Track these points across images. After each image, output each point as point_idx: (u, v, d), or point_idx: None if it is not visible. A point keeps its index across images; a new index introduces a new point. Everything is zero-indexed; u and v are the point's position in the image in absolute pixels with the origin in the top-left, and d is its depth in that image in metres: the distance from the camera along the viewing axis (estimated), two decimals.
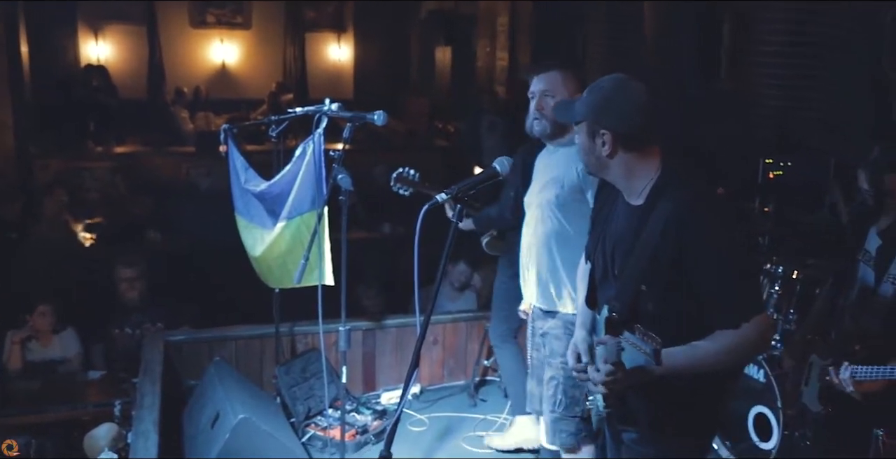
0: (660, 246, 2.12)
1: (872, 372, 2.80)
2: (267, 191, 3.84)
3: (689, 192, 2.15)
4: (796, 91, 5.74)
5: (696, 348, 2.12)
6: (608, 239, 2.32)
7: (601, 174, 2.28)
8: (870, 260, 3.01)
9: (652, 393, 2.24)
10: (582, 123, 2.22)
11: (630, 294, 2.18)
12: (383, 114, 3.28)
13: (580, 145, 2.26)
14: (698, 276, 2.11)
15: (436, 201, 2.29)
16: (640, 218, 2.19)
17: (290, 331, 4.43)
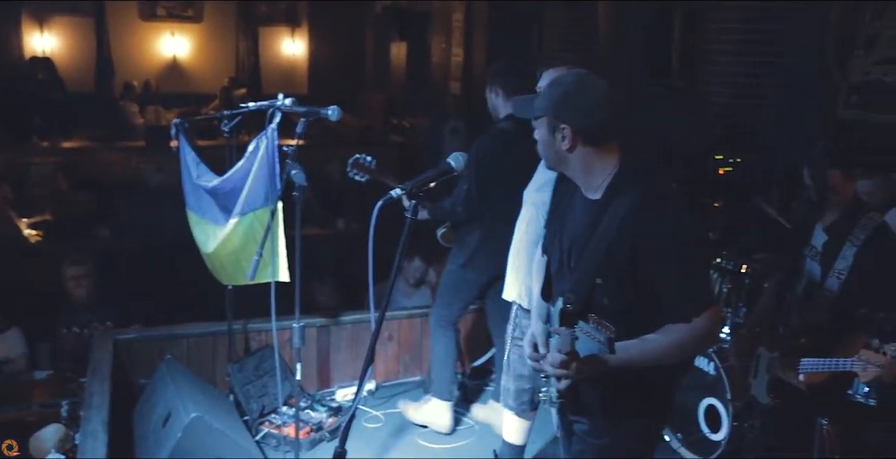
0: (616, 240, 2.15)
1: (818, 365, 2.87)
2: (219, 187, 3.80)
3: (647, 188, 2.18)
4: (745, 89, 5.85)
5: (649, 341, 2.15)
6: (565, 233, 2.35)
7: (560, 168, 2.30)
8: (816, 255, 3.08)
9: (604, 384, 2.27)
10: (542, 118, 2.24)
11: (585, 286, 2.21)
12: (337, 110, 3.27)
13: (540, 140, 2.27)
14: (652, 271, 2.15)
15: (391, 197, 2.29)
16: (597, 212, 2.22)
17: (243, 329, 4.39)
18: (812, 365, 2.90)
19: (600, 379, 2.24)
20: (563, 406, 2.45)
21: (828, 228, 3.05)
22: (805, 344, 2.97)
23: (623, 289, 2.19)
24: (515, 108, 2.34)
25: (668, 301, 2.16)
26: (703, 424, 3.89)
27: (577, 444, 2.46)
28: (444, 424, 4.12)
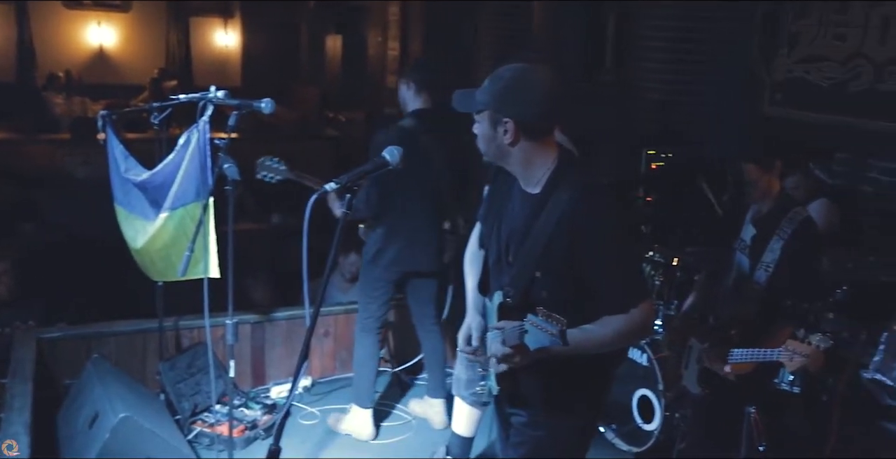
0: (554, 234, 2.18)
1: (747, 355, 2.95)
2: (149, 181, 3.71)
3: (585, 183, 2.20)
4: (676, 85, 5.96)
5: (588, 331, 2.18)
6: (503, 227, 2.35)
7: (500, 162, 2.30)
8: (745, 248, 3.16)
9: (543, 376, 2.30)
10: (483, 112, 2.23)
11: (524, 280, 2.23)
12: (271, 102, 3.22)
13: (480, 134, 2.26)
14: (590, 264, 2.18)
15: (324, 190, 2.25)
16: (536, 206, 2.23)
17: (174, 326, 4.30)
18: (741, 356, 2.97)
19: (539, 371, 2.27)
20: (501, 398, 2.46)
21: (756, 222, 3.13)
22: (735, 336, 3.04)
23: (562, 283, 2.22)
24: (455, 103, 2.33)
25: (606, 293, 2.20)
26: (637, 415, 3.96)
27: (515, 436, 2.48)
28: (365, 432, 4.09)
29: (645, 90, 6.00)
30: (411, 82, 3.81)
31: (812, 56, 4.83)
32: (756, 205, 3.13)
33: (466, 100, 2.28)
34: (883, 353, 3.24)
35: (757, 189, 3.04)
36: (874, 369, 3.24)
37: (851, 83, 4.57)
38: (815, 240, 3.09)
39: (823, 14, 4.72)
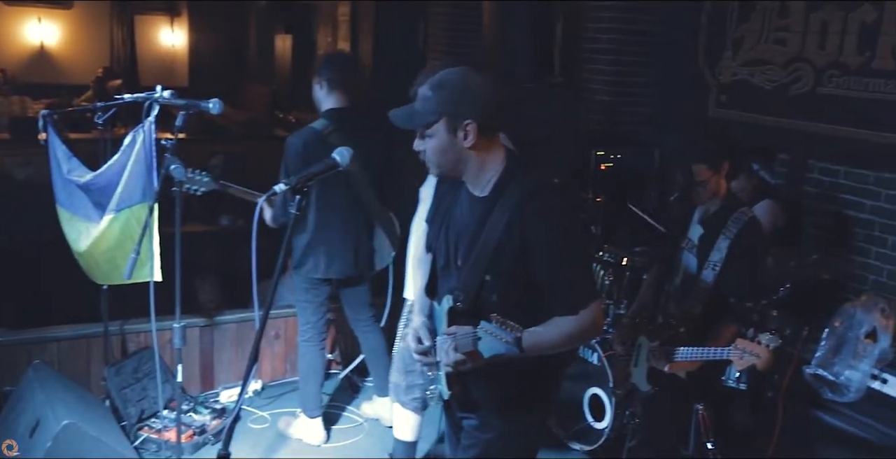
0: (504, 236, 2.16)
1: (698, 354, 2.99)
2: (93, 182, 3.64)
3: (533, 184, 2.19)
4: (623, 87, 6.03)
5: (538, 334, 2.16)
6: (451, 230, 2.33)
7: (454, 172, 2.23)
8: (692, 247, 3.21)
9: (493, 378, 2.29)
10: (438, 122, 2.16)
11: (474, 284, 2.22)
12: (219, 103, 3.17)
13: (436, 147, 2.18)
14: (540, 266, 2.17)
15: (274, 191, 2.23)
16: (484, 209, 2.22)
17: (120, 330, 4.21)
18: (692, 354, 3.01)
19: (489, 374, 2.26)
20: (451, 401, 2.45)
21: (703, 222, 3.18)
22: (683, 334, 3.09)
23: (512, 285, 2.21)
24: (397, 121, 2.22)
25: (555, 294, 2.20)
26: (588, 413, 3.99)
27: (466, 439, 2.46)
28: (315, 438, 4.06)
29: (593, 92, 6.05)
30: (322, 81, 3.71)
31: (755, 59, 4.92)
32: (703, 205, 3.18)
33: (411, 117, 2.20)
34: (824, 349, 3.32)
35: (707, 189, 3.08)
36: (816, 364, 3.32)
37: (793, 86, 4.67)
38: (760, 240, 3.15)
39: (765, 19, 4.83)
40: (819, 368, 3.30)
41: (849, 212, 4.56)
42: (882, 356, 3.20)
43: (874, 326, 3.25)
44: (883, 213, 4.37)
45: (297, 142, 3.61)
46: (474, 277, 2.22)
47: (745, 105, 5.03)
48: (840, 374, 3.24)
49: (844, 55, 4.38)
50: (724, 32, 5.12)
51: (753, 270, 3.10)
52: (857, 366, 3.21)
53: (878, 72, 4.21)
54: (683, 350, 3.02)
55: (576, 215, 2.41)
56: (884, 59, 4.18)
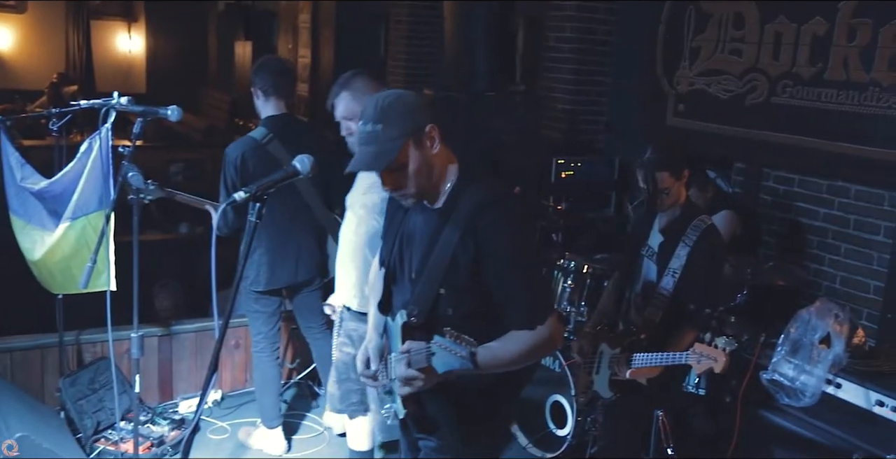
0: (459, 248, 2.11)
1: (657, 359, 3.02)
2: (47, 190, 3.57)
3: (487, 195, 2.14)
4: (584, 95, 6.09)
5: (494, 350, 2.11)
6: (405, 243, 2.28)
7: (430, 185, 2.16)
8: (652, 255, 3.24)
9: (449, 397, 2.24)
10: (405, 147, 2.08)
11: (428, 298, 2.16)
12: (177, 110, 3.13)
13: (413, 171, 2.11)
14: (496, 278, 2.12)
15: (233, 200, 2.19)
16: (439, 220, 2.17)
17: (75, 340, 4.13)
18: (651, 360, 3.04)
19: (445, 392, 2.21)
20: (407, 422, 2.39)
21: (663, 230, 3.21)
22: (643, 340, 3.11)
23: (467, 299, 2.16)
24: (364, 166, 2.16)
25: (512, 308, 2.14)
26: (550, 420, 4.01)
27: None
28: (276, 449, 4.02)
29: (554, 100, 6.11)
30: (257, 90, 3.72)
31: (712, 69, 5.00)
32: (663, 213, 3.21)
33: (378, 157, 2.08)
34: (780, 354, 3.37)
35: (669, 196, 3.12)
36: (773, 370, 3.37)
37: (748, 96, 4.75)
38: (719, 248, 3.19)
39: (721, 30, 4.91)
40: (775, 373, 3.35)
41: (803, 220, 4.65)
42: (836, 361, 3.26)
43: (828, 332, 3.31)
44: (835, 221, 4.47)
45: (235, 153, 3.60)
46: (429, 291, 2.16)
47: (702, 114, 5.10)
48: (796, 379, 3.29)
49: (798, 66, 4.47)
50: (681, 43, 5.20)
51: (712, 277, 3.14)
52: (813, 371, 3.26)
53: (830, 82, 4.30)
54: (641, 356, 3.05)
55: (531, 226, 2.38)
56: (835, 70, 4.27)
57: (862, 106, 4.15)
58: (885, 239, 4.22)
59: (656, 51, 5.40)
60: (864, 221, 4.33)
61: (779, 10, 4.56)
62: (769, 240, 4.83)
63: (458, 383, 2.17)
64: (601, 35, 6.04)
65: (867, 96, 4.12)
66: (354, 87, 3.00)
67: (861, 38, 4.14)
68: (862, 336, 3.42)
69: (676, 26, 5.23)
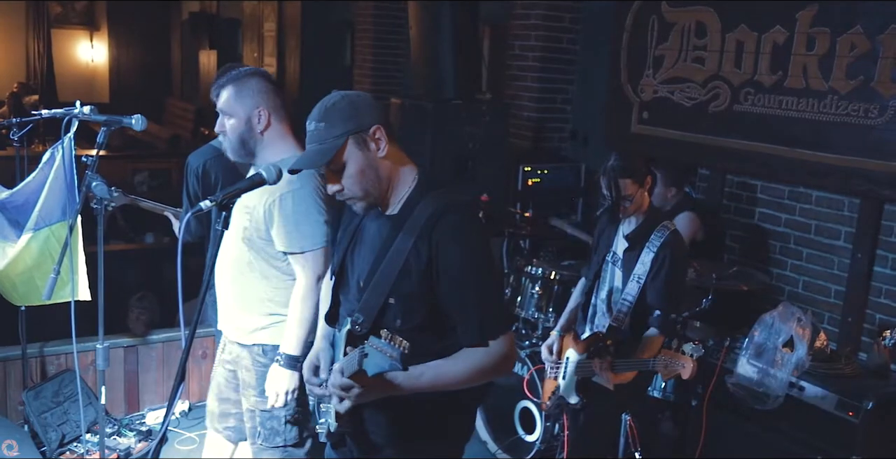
0: (410, 256, 2.03)
1: (625, 365, 3.05)
2: (9, 200, 3.52)
3: (444, 203, 2.06)
4: (550, 103, 6.15)
5: (443, 365, 2.04)
6: (356, 251, 2.22)
7: (377, 190, 2.09)
8: (617, 261, 3.27)
9: (396, 413, 2.14)
10: (345, 146, 2.04)
11: (376, 306, 2.07)
12: (142, 119, 3.11)
13: (355, 172, 2.06)
14: (448, 291, 2.04)
15: (200, 208, 2.16)
16: (392, 227, 2.10)
17: (39, 352, 4.07)
18: (620, 366, 3.07)
19: (388, 408, 2.12)
20: (341, 438, 2.26)
21: (628, 236, 3.25)
22: (610, 346, 3.14)
23: (417, 310, 2.06)
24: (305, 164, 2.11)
25: (464, 323, 2.05)
26: (519, 426, 4.03)
27: None
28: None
29: (520, 108, 6.16)
30: None
31: (675, 77, 5.08)
32: (627, 219, 3.25)
33: (318, 154, 2.05)
34: (745, 358, 3.43)
35: (633, 203, 3.15)
36: (737, 374, 3.42)
37: (711, 103, 4.83)
38: (683, 253, 3.24)
39: (684, 39, 4.99)
40: (740, 377, 3.40)
41: (765, 226, 4.73)
42: (799, 364, 3.32)
43: (791, 335, 3.37)
44: (797, 226, 4.56)
45: (196, 162, 3.53)
46: (376, 299, 2.06)
47: (666, 121, 5.18)
48: (760, 383, 3.35)
49: (759, 74, 4.56)
50: (645, 51, 5.28)
51: (676, 282, 3.18)
52: (776, 374, 3.32)
53: (790, 90, 4.39)
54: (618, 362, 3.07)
55: (488, 238, 2.28)
56: (795, 78, 4.36)
57: (821, 113, 4.24)
58: (845, 244, 4.31)
59: (620, 59, 5.47)
60: (824, 226, 4.42)
61: (739, 20, 4.65)
62: (732, 245, 4.91)
63: (404, 399, 2.06)
64: (566, 44, 6.11)
65: (826, 104, 4.22)
66: (245, 85, 2.78)
67: (819, 46, 4.23)
68: (824, 339, 3.49)
69: (640, 35, 5.30)
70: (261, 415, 2.89)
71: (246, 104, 2.75)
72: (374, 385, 1.98)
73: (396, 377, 1.99)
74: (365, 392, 2.00)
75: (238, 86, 2.76)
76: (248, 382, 2.91)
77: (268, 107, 2.77)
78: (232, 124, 2.76)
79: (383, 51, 8.33)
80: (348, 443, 2.28)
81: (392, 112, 5.33)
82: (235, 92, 2.75)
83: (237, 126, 2.76)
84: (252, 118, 2.75)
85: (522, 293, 4.32)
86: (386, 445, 2.21)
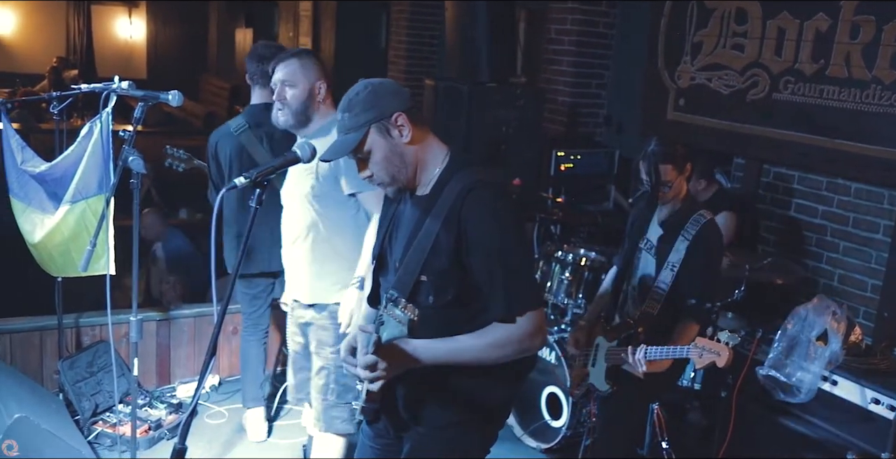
0: (441, 234, 2.06)
1: (659, 353, 3.00)
2: (48, 173, 3.55)
3: (474, 181, 2.08)
4: (585, 88, 6.07)
5: (465, 339, 2.07)
6: (394, 235, 2.24)
7: (405, 174, 2.13)
8: (651, 248, 3.21)
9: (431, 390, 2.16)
10: (369, 134, 2.09)
11: (409, 283, 2.10)
12: (178, 95, 3.10)
13: (381, 159, 2.11)
14: (478, 267, 2.06)
15: (234, 185, 2.17)
16: (424, 207, 2.13)
17: (74, 323, 4.12)
18: (653, 354, 3.01)
19: (421, 384, 2.14)
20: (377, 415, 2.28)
21: (662, 223, 3.19)
22: (640, 334, 3.09)
23: (448, 286, 2.09)
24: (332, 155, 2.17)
25: (492, 298, 2.06)
26: (545, 412, 4.00)
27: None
28: (255, 433, 4.01)
29: (555, 93, 6.08)
30: (248, 76, 3.70)
31: (713, 64, 4.97)
32: (663, 206, 3.19)
33: (342, 144, 2.11)
34: (777, 351, 3.36)
35: (671, 190, 3.10)
36: (769, 366, 3.36)
37: (749, 91, 4.73)
38: (718, 243, 3.17)
39: (723, 25, 4.88)
40: (772, 369, 3.34)
41: (802, 217, 4.64)
42: (832, 358, 3.25)
43: (825, 329, 3.30)
44: (835, 219, 4.46)
45: (212, 141, 3.69)
46: (409, 277, 2.10)
47: (702, 109, 5.08)
48: (792, 375, 3.28)
49: (800, 62, 4.45)
50: (683, 37, 5.17)
51: (710, 272, 3.12)
52: (809, 368, 3.26)
53: (832, 79, 4.28)
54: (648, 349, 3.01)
55: (519, 215, 2.29)
56: (837, 67, 4.25)
57: (863, 103, 4.13)
58: (883, 237, 4.21)
59: (657, 45, 5.37)
60: (863, 219, 4.32)
61: (782, 6, 4.53)
62: (768, 237, 4.82)
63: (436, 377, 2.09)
64: (602, 28, 6.01)
65: (869, 94, 4.10)
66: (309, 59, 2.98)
67: (864, 35, 4.12)
68: (859, 334, 3.42)
69: (678, 21, 5.20)
70: (336, 372, 2.99)
71: (310, 76, 2.94)
72: (392, 356, 2.01)
73: (415, 348, 2.04)
74: (388, 366, 2.00)
75: (303, 59, 2.96)
76: (324, 341, 3.03)
77: (326, 82, 2.96)
78: (294, 93, 2.92)
79: (418, 32, 8.25)
80: (383, 419, 2.32)
81: (426, 93, 5.29)
82: (301, 64, 2.94)
83: (299, 95, 2.92)
84: (314, 89, 2.94)
85: (552, 278, 4.27)
86: (419, 422, 2.23)
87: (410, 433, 2.27)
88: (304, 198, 2.95)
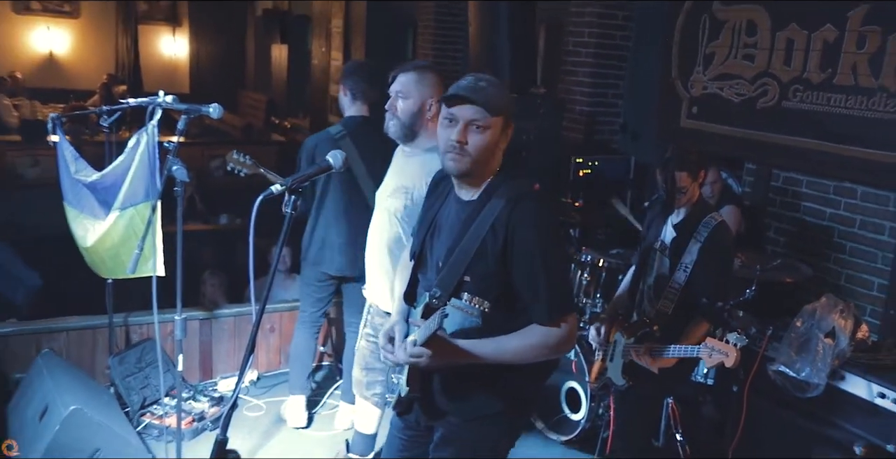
0: (487, 238, 2.08)
1: (671, 351, 2.99)
2: (99, 182, 3.61)
3: (522, 190, 2.11)
4: (602, 98, 6.06)
5: (507, 339, 2.09)
6: (436, 234, 2.26)
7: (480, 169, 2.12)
8: (665, 250, 3.21)
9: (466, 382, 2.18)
10: (495, 118, 2.08)
11: (452, 282, 2.12)
12: (219, 108, 3.14)
13: (487, 143, 2.08)
14: (521, 272, 2.08)
15: (270, 192, 2.20)
16: (472, 211, 2.14)
17: (124, 322, 4.18)
18: (668, 352, 3.01)
19: (457, 377, 2.17)
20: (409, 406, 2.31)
21: (676, 226, 3.18)
22: (656, 331, 3.09)
23: (490, 288, 2.11)
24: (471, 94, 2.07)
25: (533, 302, 2.09)
26: (565, 405, 4.00)
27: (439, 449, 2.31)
28: (296, 420, 4.04)
29: (573, 102, 6.07)
30: (346, 90, 3.71)
31: (725, 74, 4.95)
32: (677, 210, 3.18)
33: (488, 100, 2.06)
34: (787, 348, 3.34)
35: (685, 195, 3.10)
36: (779, 362, 3.33)
37: (760, 100, 4.70)
38: (729, 244, 3.16)
39: (734, 36, 4.85)
40: (782, 365, 3.32)
41: (810, 220, 4.60)
42: (840, 354, 3.23)
43: (833, 326, 3.27)
44: (842, 221, 4.41)
45: (310, 144, 3.67)
46: (453, 276, 2.12)
47: (714, 117, 5.05)
48: (801, 371, 3.26)
49: (808, 71, 4.41)
50: (695, 48, 5.15)
51: (722, 272, 3.11)
52: (818, 364, 3.23)
53: (839, 88, 4.24)
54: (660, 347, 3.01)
55: (560, 225, 2.31)
56: (844, 76, 4.21)
57: (869, 110, 4.09)
58: (889, 238, 4.16)
59: (672, 56, 5.36)
60: (869, 221, 4.28)
61: (790, 18, 4.50)
62: (777, 239, 4.78)
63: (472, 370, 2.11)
64: (619, 40, 6.00)
65: (875, 101, 4.06)
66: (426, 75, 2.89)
67: (870, 45, 4.08)
68: (865, 331, 3.38)
69: (691, 33, 5.18)
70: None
71: (423, 91, 2.84)
72: (443, 350, 2.06)
73: (465, 344, 2.07)
74: (434, 358, 2.05)
75: (421, 73, 2.86)
76: None
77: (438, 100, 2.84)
78: (405, 106, 2.83)
79: (444, 47, 8.29)
80: (415, 410, 2.33)
81: None
82: (418, 78, 2.84)
83: (410, 108, 2.83)
84: (424, 104, 2.83)
85: (572, 279, 4.27)
86: (454, 413, 2.25)
87: (442, 422, 2.28)
88: (393, 215, 2.91)
